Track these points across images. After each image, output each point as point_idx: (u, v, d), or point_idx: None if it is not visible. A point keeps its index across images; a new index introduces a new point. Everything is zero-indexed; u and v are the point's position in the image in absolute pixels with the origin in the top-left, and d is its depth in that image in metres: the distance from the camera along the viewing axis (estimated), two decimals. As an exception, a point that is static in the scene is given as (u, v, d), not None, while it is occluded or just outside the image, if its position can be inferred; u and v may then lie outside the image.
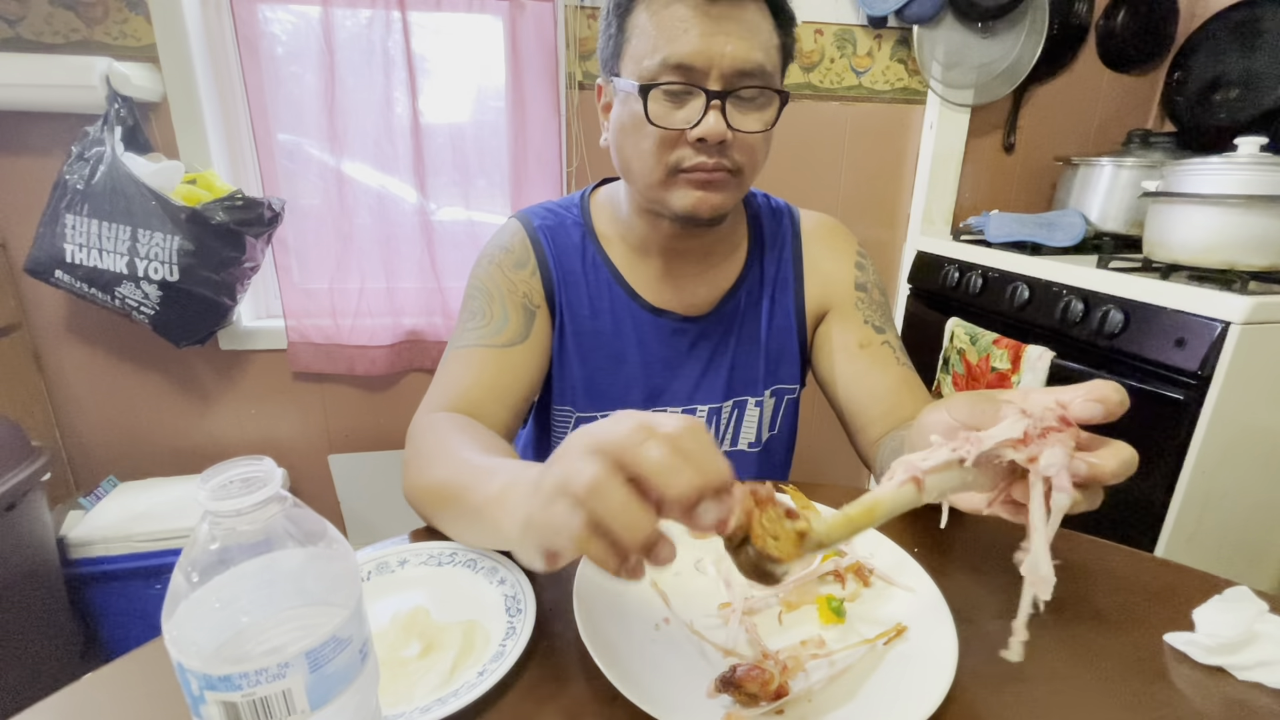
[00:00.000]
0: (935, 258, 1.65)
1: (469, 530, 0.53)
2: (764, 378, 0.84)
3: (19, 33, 1.29)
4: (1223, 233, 1.13)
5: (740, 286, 0.82)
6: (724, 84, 0.64)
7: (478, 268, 0.79)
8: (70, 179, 1.25)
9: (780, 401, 0.86)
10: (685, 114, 0.65)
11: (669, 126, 0.65)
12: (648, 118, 0.65)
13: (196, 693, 0.26)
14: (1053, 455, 0.39)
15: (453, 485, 0.53)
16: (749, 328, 0.83)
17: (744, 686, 0.39)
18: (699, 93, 0.64)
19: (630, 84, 0.66)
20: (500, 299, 0.76)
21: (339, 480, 1.68)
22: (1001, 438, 0.40)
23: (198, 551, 0.27)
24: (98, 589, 1.32)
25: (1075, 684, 0.43)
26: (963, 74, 1.62)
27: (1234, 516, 1.14)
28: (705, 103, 0.64)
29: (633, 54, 0.67)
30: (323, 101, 1.41)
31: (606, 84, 0.73)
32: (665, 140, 0.66)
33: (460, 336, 0.74)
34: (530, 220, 0.81)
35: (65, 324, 1.46)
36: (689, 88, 0.64)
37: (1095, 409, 0.41)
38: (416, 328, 1.59)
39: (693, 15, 0.63)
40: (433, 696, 0.40)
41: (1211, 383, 1.04)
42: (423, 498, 0.58)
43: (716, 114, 0.64)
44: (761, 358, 0.83)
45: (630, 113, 0.67)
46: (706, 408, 0.82)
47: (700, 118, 0.64)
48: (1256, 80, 1.47)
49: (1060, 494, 0.39)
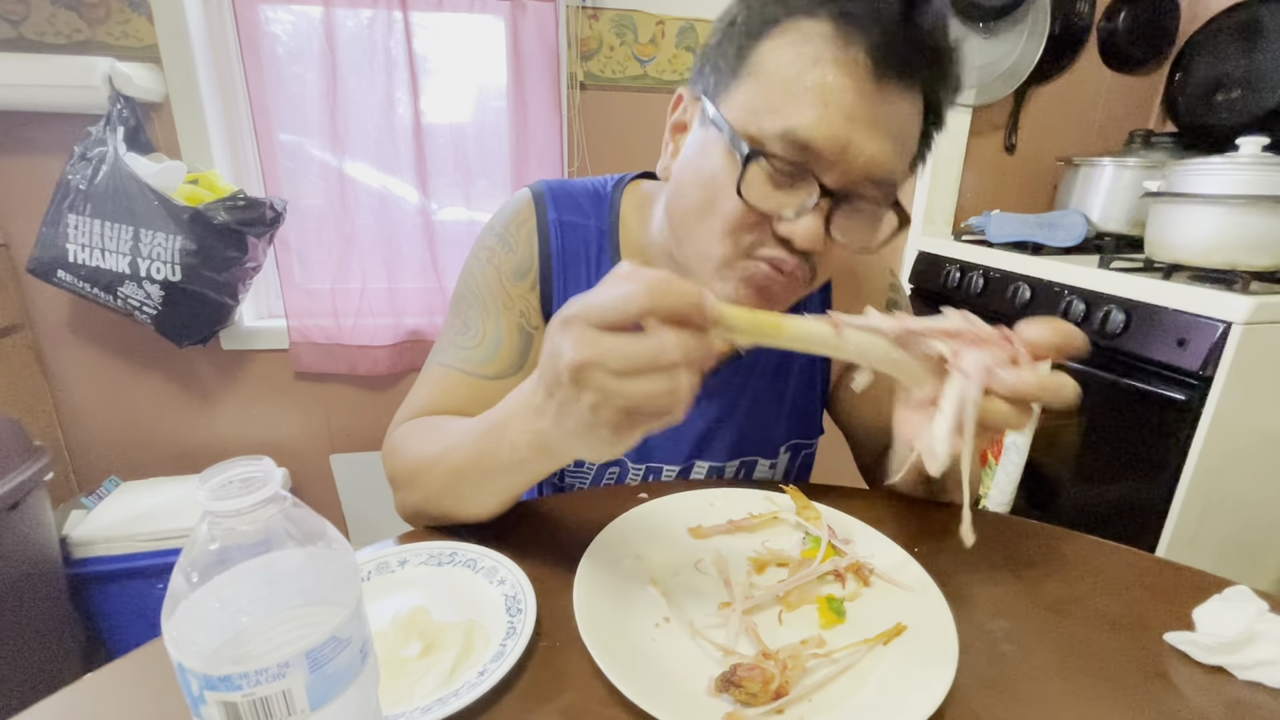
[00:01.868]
0: (936, 258, 1.65)
1: (491, 485, 0.52)
2: (783, 434, 0.75)
3: (21, 33, 1.29)
4: (1224, 233, 1.13)
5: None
6: (844, 184, 0.52)
7: (475, 258, 0.68)
8: (73, 179, 1.25)
9: (796, 455, 0.78)
10: (782, 199, 0.52)
11: (759, 206, 0.52)
12: (739, 189, 0.51)
13: (196, 693, 0.26)
14: (974, 356, 0.42)
15: (460, 450, 0.52)
16: (770, 381, 0.73)
17: (744, 686, 0.39)
18: (813, 184, 0.51)
19: (735, 136, 0.52)
20: (496, 314, 0.66)
21: (340, 480, 1.68)
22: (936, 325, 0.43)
23: (197, 551, 0.27)
24: (99, 589, 1.32)
25: (1075, 684, 0.43)
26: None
27: (1235, 516, 1.14)
28: (813, 200, 0.51)
29: (748, 96, 0.52)
30: (324, 101, 1.42)
31: (692, 102, 0.59)
32: (744, 218, 0.53)
33: (447, 350, 0.66)
34: (545, 207, 0.68)
35: (68, 324, 1.46)
36: (804, 172, 0.51)
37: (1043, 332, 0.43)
38: (418, 327, 1.59)
39: (846, 88, 0.49)
40: (433, 696, 0.40)
41: (1213, 383, 1.04)
42: (434, 486, 0.55)
43: (818, 218, 0.51)
44: (784, 414, 0.74)
45: (715, 163, 0.54)
46: (708, 465, 0.73)
47: (798, 215, 0.52)
48: (1258, 80, 1.47)
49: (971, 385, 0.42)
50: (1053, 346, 0.43)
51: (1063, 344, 0.44)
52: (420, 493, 0.57)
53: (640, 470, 0.72)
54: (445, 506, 0.56)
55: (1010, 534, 0.61)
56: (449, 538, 0.55)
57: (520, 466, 0.49)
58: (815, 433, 0.78)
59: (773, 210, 0.53)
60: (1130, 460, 1.17)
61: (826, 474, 0.74)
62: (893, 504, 0.65)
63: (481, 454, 0.51)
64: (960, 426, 0.42)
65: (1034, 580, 0.54)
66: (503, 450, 0.48)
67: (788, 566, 0.53)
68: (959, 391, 0.42)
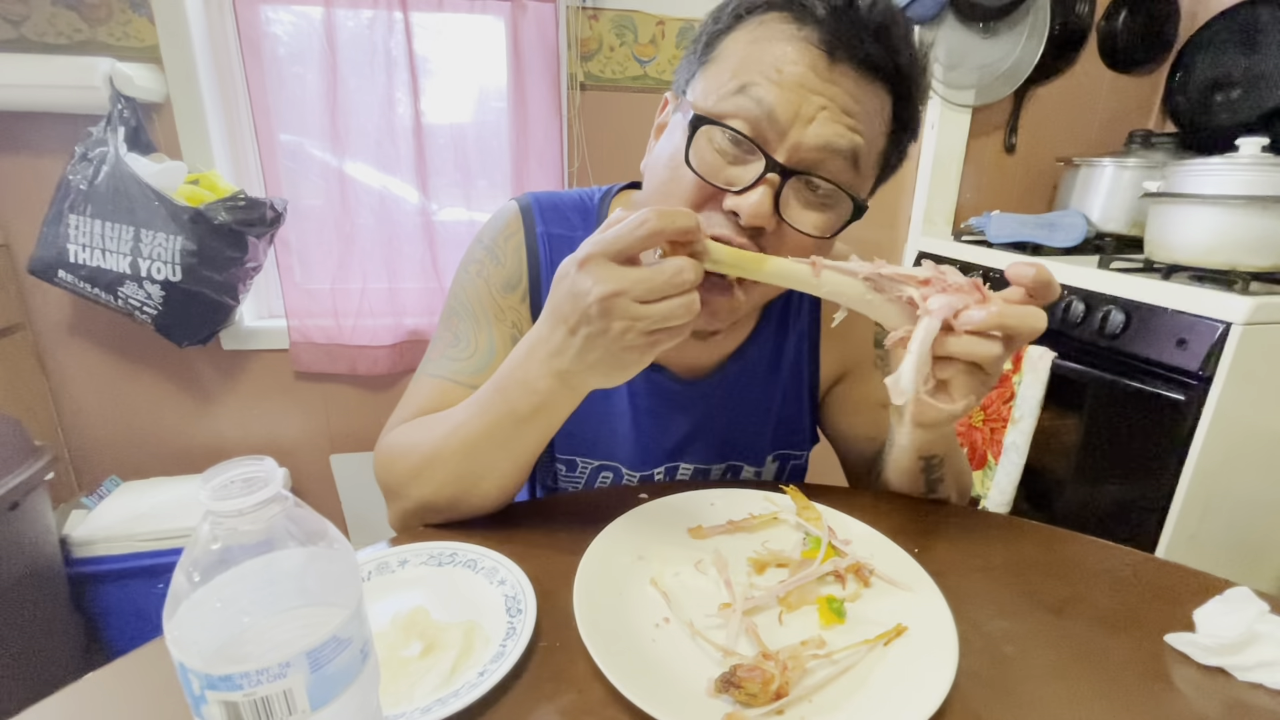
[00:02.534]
0: (936, 258, 1.65)
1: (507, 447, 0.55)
2: (769, 444, 0.75)
3: (22, 33, 1.29)
4: (1224, 233, 1.13)
5: (750, 348, 0.72)
6: (794, 160, 0.51)
7: (465, 271, 0.68)
8: (73, 179, 1.25)
9: (784, 466, 0.77)
10: (732, 174, 0.53)
11: (705, 176, 0.52)
12: (686, 156, 0.52)
13: (198, 692, 0.26)
14: (941, 299, 0.46)
15: (470, 422, 0.54)
16: (755, 393, 0.73)
17: (745, 686, 0.39)
18: (760, 157, 0.51)
19: (690, 109, 0.53)
20: (487, 326, 0.66)
21: (340, 480, 1.68)
22: (908, 272, 0.48)
23: (199, 551, 0.27)
24: (100, 588, 1.32)
25: (1075, 684, 0.43)
26: (964, 75, 1.62)
27: (1235, 517, 1.14)
28: (761, 173, 0.51)
29: (708, 79, 0.54)
30: (325, 102, 1.42)
31: (672, 100, 0.61)
32: (698, 191, 0.53)
33: (438, 361, 0.66)
34: (533, 220, 0.68)
35: (68, 324, 1.46)
36: (754, 148, 0.51)
37: (1021, 272, 0.47)
38: (418, 328, 1.59)
39: (800, 60, 0.50)
40: (433, 697, 0.40)
41: (1213, 383, 1.04)
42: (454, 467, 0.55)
43: (767, 192, 0.51)
44: (771, 425, 0.74)
45: (675, 143, 0.55)
46: (693, 467, 0.73)
47: (748, 187, 0.51)
48: (1258, 81, 1.47)
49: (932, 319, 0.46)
50: (1028, 287, 0.47)
51: (1036, 289, 0.47)
52: (429, 484, 0.56)
53: (634, 477, 0.72)
54: (457, 491, 0.56)
55: (1010, 534, 0.61)
56: (449, 538, 0.56)
57: (537, 414, 0.52)
58: (804, 444, 0.77)
59: (724, 182, 0.53)
60: (1130, 460, 1.17)
61: (826, 473, 0.75)
62: (893, 504, 0.65)
63: (498, 415, 0.53)
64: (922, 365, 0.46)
65: (1034, 580, 0.54)
66: (520, 400, 0.51)
67: (788, 567, 0.53)
68: (925, 330, 0.46)
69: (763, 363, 0.73)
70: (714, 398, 0.72)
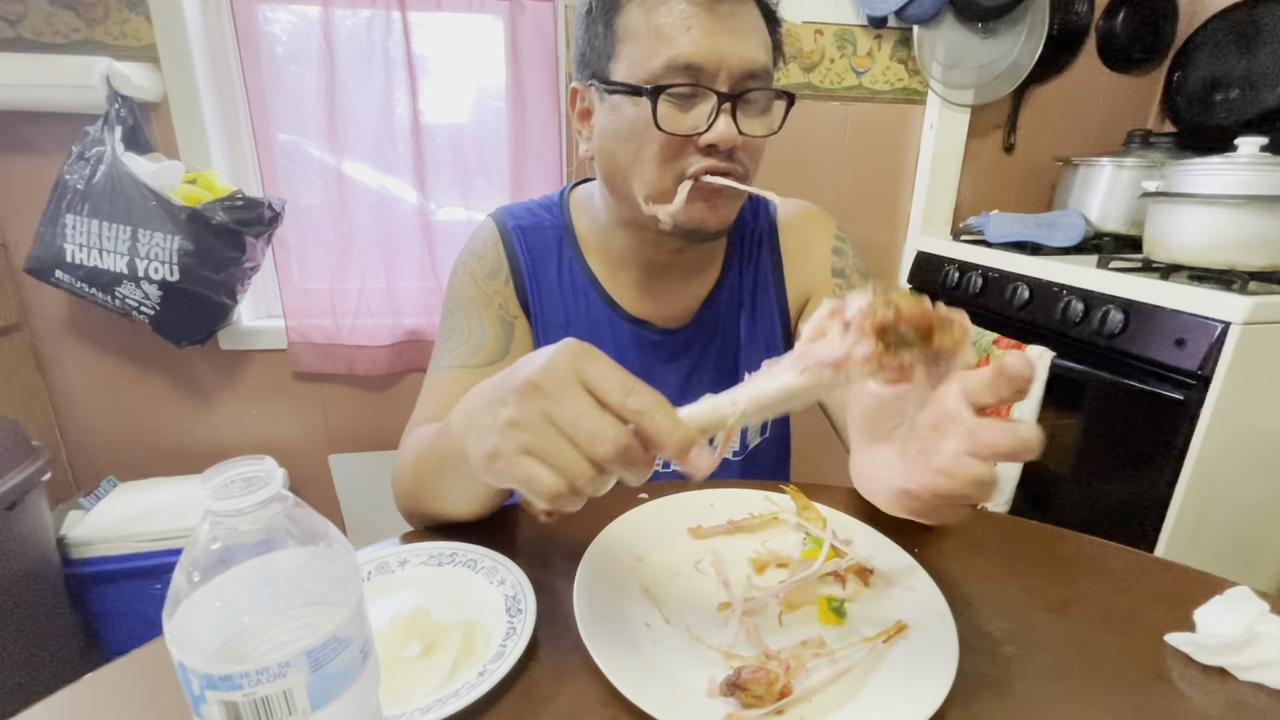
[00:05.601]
0: (935, 258, 1.65)
1: (454, 488, 0.53)
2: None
3: (19, 32, 1.29)
4: (1223, 233, 1.13)
5: (720, 293, 0.79)
6: (732, 86, 0.61)
7: (453, 278, 0.76)
8: (70, 179, 1.25)
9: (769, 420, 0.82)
10: (692, 119, 0.62)
11: (677, 132, 0.61)
12: (656, 123, 0.61)
13: (197, 692, 0.26)
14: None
15: (425, 452, 0.54)
16: (730, 334, 0.80)
17: (749, 688, 0.39)
18: (708, 95, 0.61)
19: (630, 88, 0.62)
20: (477, 312, 0.73)
21: (339, 480, 1.68)
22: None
23: (199, 551, 0.27)
24: (98, 589, 1.32)
25: (1075, 684, 0.43)
26: (963, 74, 1.62)
27: (1234, 516, 1.14)
28: (715, 106, 0.60)
29: (629, 56, 0.62)
30: (323, 101, 1.41)
31: (585, 89, 0.69)
32: (670, 147, 0.62)
33: (440, 358, 0.72)
34: (505, 221, 0.77)
35: (65, 324, 1.46)
36: (698, 89, 0.61)
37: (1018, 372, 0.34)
38: (417, 327, 1.59)
39: (696, 12, 0.59)
40: (433, 697, 0.40)
41: (1212, 383, 1.04)
42: (407, 483, 0.58)
43: (727, 118, 0.61)
44: (745, 365, 0.80)
45: (628, 119, 0.63)
46: None
47: (710, 122, 0.61)
48: (1256, 80, 1.47)
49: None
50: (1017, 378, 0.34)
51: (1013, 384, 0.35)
52: (397, 494, 0.60)
53: None
54: (431, 507, 0.57)
55: (1010, 534, 0.61)
56: (449, 538, 0.55)
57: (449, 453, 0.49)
58: None
59: (690, 129, 0.62)
60: (1129, 460, 1.17)
61: (826, 474, 0.75)
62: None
63: (434, 442, 0.52)
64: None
65: (1034, 580, 0.54)
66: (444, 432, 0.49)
67: (788, 567, 0.53)
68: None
69: (735, 303, 0.80)
70: (695, 344, 0.79)
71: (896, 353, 0.36)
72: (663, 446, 0.37)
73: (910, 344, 0.36)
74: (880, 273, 0.78)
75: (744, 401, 0.40)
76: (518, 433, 0.38)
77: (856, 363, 0.36)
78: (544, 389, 0.38)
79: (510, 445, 0.38)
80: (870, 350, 0.36)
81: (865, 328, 0.36)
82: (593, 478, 0.37)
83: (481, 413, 0.42)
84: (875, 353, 0.36)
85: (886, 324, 0.36)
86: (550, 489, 0.37)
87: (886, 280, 1.78)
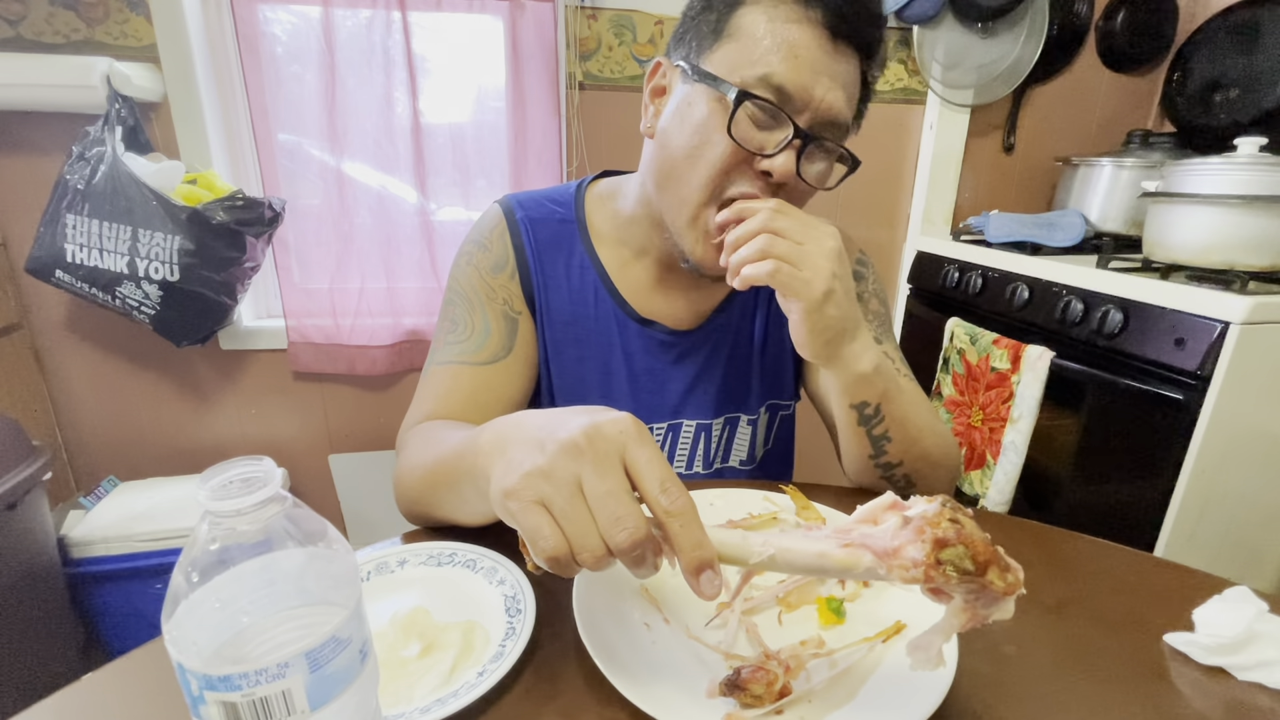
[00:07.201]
0: (935, 258, 1.65)
1: (466, 502, 0.51)
2: (758, 394, 0.80)
3: (20, 32, 1.29)
4: (1222, 233, 1.13)
5: (734, 299, 0.79)
6: (811, 126, 0.60)
7: (456, 266, 0.74)
8: (71, 179, 1.25)
9: (774, 417, 0.83)
10: (760, 139, 0.61)
11: (744, 144, 0.60)
12: (729, 129, 0.59)
13: (196, 693, 0.26)
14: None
15: (444, 459, 0.52)
16: (742, 343, 0.79)
17: (749, 688, 0.39)
18: (785, 125, 0.59)
19: (722, 84, 0.60)
20: (480, 307, 0.71)
21: (339, 480, 1.68)
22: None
23: (198, 551, 0.27)
24: (98, 589, 1.32)
25: (1075, 684, 0.43)
26: (963, 74, 1.62)
27: (1234, 516, 1.14)
28: (789, 138, 0.59)
29: (730, 53, 0.61)
30: (323, 101, 1.41)
31: (672, 68, 0.67)
32: (728, 156, 0.61)
33: (441, 350, 0.70)
34: (513, 210, 0.75)
35: (66, 324, 1.46)
36: (780, 115, 0.59)
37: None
38: (417, 327, 1.59)
39: (811, 44, 0.58)
40: (432, 697, 0.40)
41: (1211, 383, 1.04)
42: (416, 486, 0.57)
43: (793, 154, 0.60)
44: (755, 374, 0.80)
45: (701, 113, 0.62)
46: (695, 423, 0.78)
47: (778, 149, 0.60)
48: (1256, 80, 1.47)
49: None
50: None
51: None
52: (420, 503, 0.58)
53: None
54: (439, 514, 0.57)
55: (1010, 534, 0.61)
56: (449, 538, 0.56)
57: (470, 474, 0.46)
58: (790, 395, 0.83)
59: (756, 147, 0.60)
60: (1128, 460, 1.17)
61: (826, 474, 0.75)
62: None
63: (453, 458, 0.50)
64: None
65: (1034, 580, 0.54)
66: (466, 451, 0.47)
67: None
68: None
69: (745, 309, 0.80)
70: (705, 347, 0.78)
71: (945, 572, 0.35)
72: (679, 555, 0.37)
73: (962, 570, 0.35)
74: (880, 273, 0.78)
75: (775, 549, 0.38)
76: (544, 483, 0.37)
77: (903, 563, 0.35)
78: (586, 454, 0.37)
79: (531, 492, 0.37)
80: (921, 557, 0.35)
81: (925, 534, 0.36)
82: (599, 557, 0.36)
83: (516, 446, 0.40)
84: (926, 561, 0.35)
85: (947, 540, 0.35)
86: (552, 550, 0.36)
87: (888, 279, 1.78)
